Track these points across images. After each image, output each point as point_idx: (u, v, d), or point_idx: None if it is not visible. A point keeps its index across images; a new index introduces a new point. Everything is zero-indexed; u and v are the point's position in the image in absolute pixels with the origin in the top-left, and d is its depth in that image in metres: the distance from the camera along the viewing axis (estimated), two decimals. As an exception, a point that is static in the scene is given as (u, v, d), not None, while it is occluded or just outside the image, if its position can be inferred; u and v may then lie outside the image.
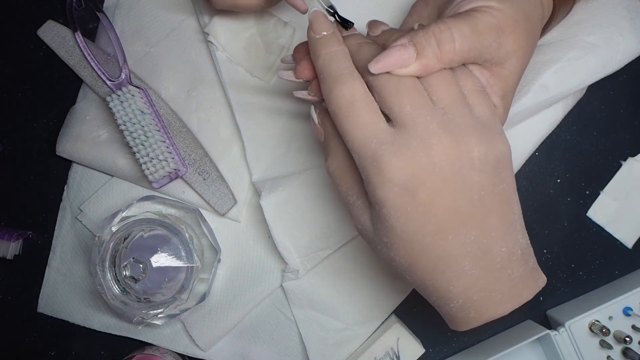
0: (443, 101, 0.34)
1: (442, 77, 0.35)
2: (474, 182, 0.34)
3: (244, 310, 0.50)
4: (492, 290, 0.35)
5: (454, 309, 0.36)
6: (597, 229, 0.53)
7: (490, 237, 0.35)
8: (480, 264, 0.35)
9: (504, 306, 0.35)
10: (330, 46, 0.37)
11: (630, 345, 0.49)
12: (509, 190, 0.35)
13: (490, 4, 0.35)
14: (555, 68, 0.47)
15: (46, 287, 0.51)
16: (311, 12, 0.38)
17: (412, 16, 0.43)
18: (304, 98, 0.40)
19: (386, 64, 0.34)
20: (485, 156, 0.34)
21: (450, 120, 0.34)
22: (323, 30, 0.37)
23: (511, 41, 0.36)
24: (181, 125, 0.50)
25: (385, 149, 0.33)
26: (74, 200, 0.51)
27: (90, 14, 0.51)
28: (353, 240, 0.49)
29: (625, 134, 0.53)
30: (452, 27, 0.34)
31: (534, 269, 0.37)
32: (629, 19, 0.47)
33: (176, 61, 0.51)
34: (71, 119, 0.50)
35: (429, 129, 0.33)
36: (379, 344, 0.49)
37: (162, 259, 0.45)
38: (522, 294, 0.36)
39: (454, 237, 0.34)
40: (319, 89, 0.38)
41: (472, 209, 0.34)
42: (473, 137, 0.34)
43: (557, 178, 0.53)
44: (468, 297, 0.35)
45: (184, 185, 0.50)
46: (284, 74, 0.40)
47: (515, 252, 0.36)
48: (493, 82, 0.37)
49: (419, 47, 0.34)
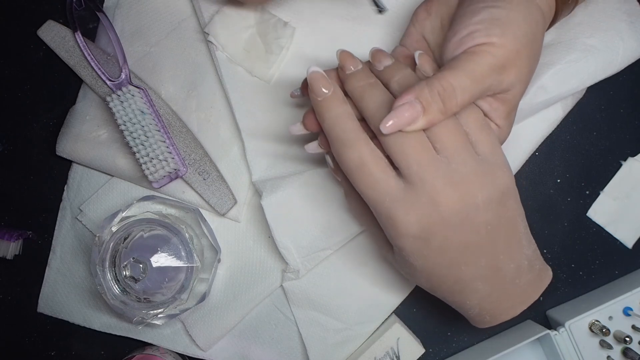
0: (447, 149, 0.36)
1: (445, 125, 0.37)
2: (480, 221, 0.37)
3: (244, 310, 0.50)
4: (503, 300, 0.40)
5: (471, 315, 0.42)
6: (597, 229, 0.53)
7: (499, 259, 0.38)
8: (492, 282, 0.39)
9: (514, 309, 0.41)
10: (333, 109, 0.38)
11: (630, 345, 0.49)
12: (513, 215, 0.38)
13: (491, 40, 0.36)
14: (555, 70, 0.47)
15: (46, 287, 0.51)
16: (310, 73, 0.39)
17: (414, 26, 0.44)
18: (316, 152, 0.42)
19: (396, 124, 0.35)
20: (489, 197, 0.36)
21: (454, 170, 0.36)
22: (324, 90, 0.38)
23: (514, 74, 0.37)
24: (181, 125, 0.50)
25: (398, 207, 0.36)
26: (74, 200, 0.51)
27: (90, 14, 0.51)
28: (353, 241, 0.49)
29: (625, 134, 0.53)
30: (453, 83, 0.35)
31: (540, 270, 0.41)
32: (629, 22, 0.47)
33: (176, 61, 0.51)
34: (71, 119, 0.50)
35: (436, 187, 0.36)
36: (379, 344, 0.49)
37: (162, 259, 0.45)
38: (531, 296, 0.41)
39: (466, 267, 0.38)
40: (328, 142, 0.39)
41: (481, 242, 0.37)
42: (476, 184, 0.36)
43: (557, 178, 0.53)
44: (482, 307, 0.40)
45: (184, 185, 0.50)
46: (294, 128, 0.42)
47: (522, 264, 0.40)
48: (497, 106, 0.38)
49: (425, 105, 0.35)
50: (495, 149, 0.38)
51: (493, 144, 0.38)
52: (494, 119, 0.39)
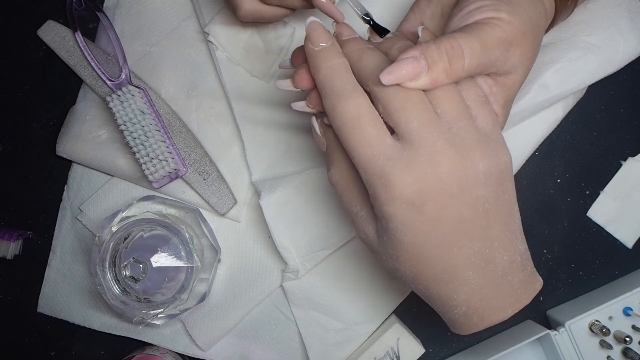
0: (448, 115, 0.34)
1: (448, 90, 0.35)
2: (479, 195, 0.34)
3: (244, 310, 0.50)
4: (494, 298, 0.36)
5: (456, 315, 0.37)
6: (597, 229, 0.53)
7: (493, 247, 0.35)
8: (483, 273, 0.36)
9: (504, 311, 0.37)
10: (330, 59, 0.36)
11: (630, 345, 0.49)
12: (510, 200, 0.36)
13: (501, 15, 0.35)
14: (556, 68, 0.47)
15: (46, 287, 0.51)
16: (308, 23, 0.37)
17: (414, 13, 0.43)
18: (303, 110, 0.39)
19: (398, 76, 0.33)
20: (489, 170, 0.34)
21: (455, 134, 0.34)
22: (322, 41, 0.36)
23: (518, 54, 0.36)
24: (181, 125, 0.50)
25: (393, 165, 0.33)
26: (74, 200, 0.51)
27: (90, 14, 0.51)
28: (353, 240, 0.49)
29: (625, 134, 0.53)
30: (463, 44, 0.34)
31: (531, 273, 0.38)
32: (629, 19, 0.47)
33: (176, 61, 0.51)
34: (71, 119, 0.50)
35: (436, 146, 0.33)
36: (379, 344, 0.49)
37: (162, 259, 0.45)
38: (522, 299, 0.37)
39: (459, 249, 0.35)
40: (318, 100, 0.37)
41: (477, 221, 0.35)
42: (478, 151, 0.34)
43: (557, 178, 0.53)
44: (471, 305, 0.36)
45: (184, 185, 0.50)
46: (282, 83, 0.39)
47: (515, 259, 0.37)
48: (496, 90, 0.37)
49: (431, 61, 0.34)
50: (496, 127, 0.36)
51: (493, 121, 0.36)
52: (491, 104, 0.38)
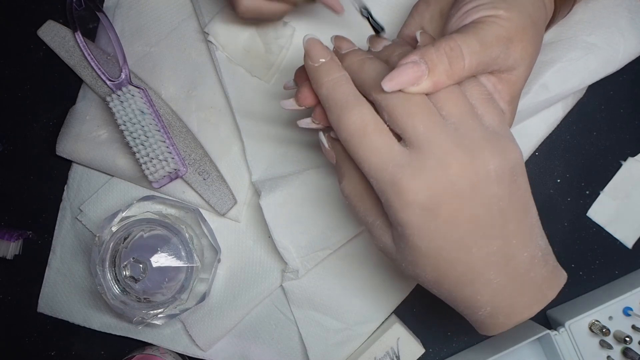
0: (453, 116, 0.34)
1: (451, 92, 0.35)
2: (493, 194, 0.34)
3: (244, 310, 0.50)
4: (518, 295, 0.36)
5: (482, 317, 0.37)
6: (597, 229, 0.53)
7: (512, 244, 0.35)
8: (505, 271, 0.35)
9: (530, 308, 0.37)
10: (331, 74, 0.36)
11: (630, 345, 0.49)
12: (525, 195, 0.36)
13: (498, 13, 0.35)
14: (556, 68, 0.47)
15: (46, 287, 0.51)
16: (306, 40, 0.37)
17: (414, 17, 0.43)
18: (310, 127, 0.40)
19: (399, 82, 0.33)
20: (501, 167, 0.34)
21: (462, 135, 0.34)
22: (321, 57, 0.36)
23: (519, 50, 0.36)
24: (181, 125, 0.50)
25: (403, 171, 0.33)
26: (74, 200, 0.51)
27: (90, 14, 0.51)
28: (353, 240, 0.49)
29: (625, 134, 0.53)
30: (461, 44, 0.34)
31: (554, 267, 0.38)
32: (629, 19, 0.47)
33: (176, 61, 0.51)
34: (71, 119, 0.50)
35: (444, 148, 0.33)
36: (379, 344, 0.49)
37: (162, 259, 0.45)
38: (547, 294, 0.37)
39: (477, 250, 0.35)
40: (323, 115, 0.37)
41: (493, 220, 0.34)
42: (487, 150, 0.34)
43: (557, 178, 0.53)
44: (496, 305, 0.36)
45: (184, 185, 0.50)
46: (286, 103, 0.40)
47: (536, 254, 0.37)
48: (501, 87, 0.37)
49: (431, 65, 0.34)
50: (503, 123, 0.35)
51: (500, 118, 0.35)
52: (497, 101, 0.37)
